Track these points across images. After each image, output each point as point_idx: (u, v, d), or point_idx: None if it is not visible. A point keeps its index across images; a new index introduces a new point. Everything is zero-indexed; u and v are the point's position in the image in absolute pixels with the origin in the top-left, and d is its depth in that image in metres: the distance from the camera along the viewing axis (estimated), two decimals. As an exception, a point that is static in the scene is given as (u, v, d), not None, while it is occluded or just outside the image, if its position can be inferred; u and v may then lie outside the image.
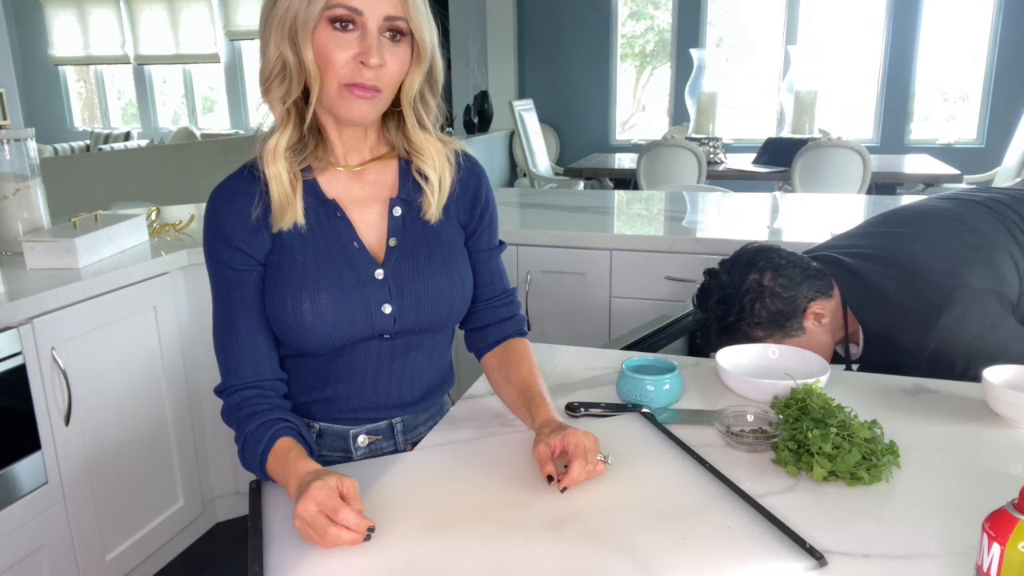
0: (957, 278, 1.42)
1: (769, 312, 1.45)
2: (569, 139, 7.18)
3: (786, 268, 1.47)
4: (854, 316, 1.51)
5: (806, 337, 1.46)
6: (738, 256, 1.53)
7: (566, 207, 2.88)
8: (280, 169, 1.02)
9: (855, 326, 1.52)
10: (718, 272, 1.52)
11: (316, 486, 0.85)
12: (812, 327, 1.48)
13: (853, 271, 1.52)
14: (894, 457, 1.00)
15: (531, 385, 1.11)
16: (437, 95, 1.09)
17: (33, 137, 2.13)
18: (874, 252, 1.54)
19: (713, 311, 1.49)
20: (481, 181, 1.18)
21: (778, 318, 1.45)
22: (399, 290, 1.09)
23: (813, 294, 1.47)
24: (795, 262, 1.49)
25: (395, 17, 0.98)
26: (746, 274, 1.47)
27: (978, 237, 1.50)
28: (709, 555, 0.82)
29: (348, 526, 0.83)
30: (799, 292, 1.46)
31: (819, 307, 1.47)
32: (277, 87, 1.01)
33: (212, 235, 1.06)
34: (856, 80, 6.44)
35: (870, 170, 4.23)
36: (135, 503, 2.10)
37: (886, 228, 1.62)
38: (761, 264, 1.48)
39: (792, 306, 1.45)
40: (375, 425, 1.18)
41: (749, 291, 1.46)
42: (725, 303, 1.47)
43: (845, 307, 1.51)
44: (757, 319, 1.45)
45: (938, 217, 1.59)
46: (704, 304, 1.51)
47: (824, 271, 1.51)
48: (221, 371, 1.09)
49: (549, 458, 0.96)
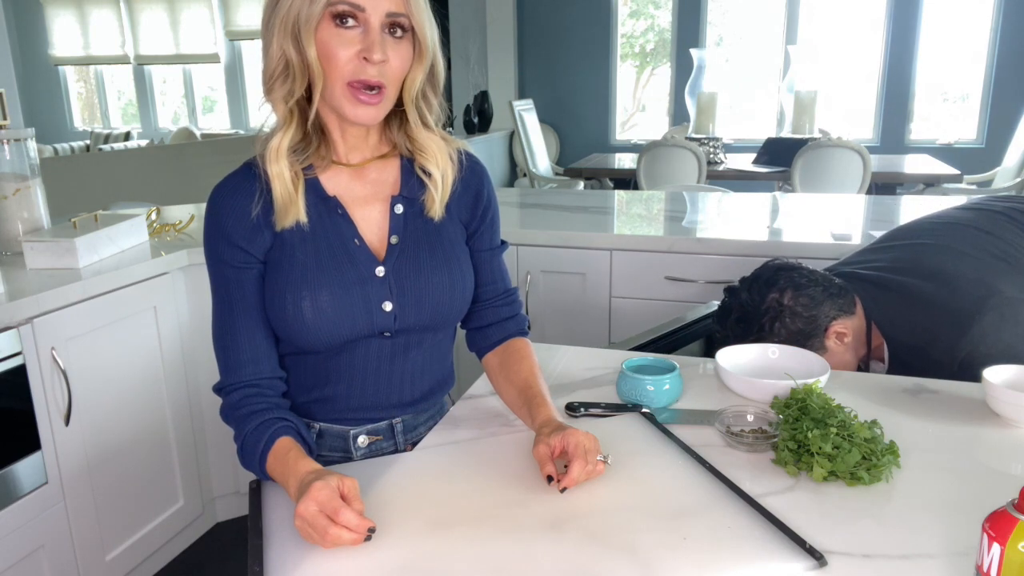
0: (989, 287, 1.39)
1: (789, 331, 1.42)
2: (569, 139, 7.18)
3: (807, 287, 1.44)
4: (879, 331, 1.48)
5: (827, 356, 1.43)
6: (758, 274, 1.50)
7: (566, 207, 2.88)
8: (282, 168, 1.03)
9: (879, 341, 1.49)
10: (738, 290, 1.49)
11: (317, 486, 0.85)
12: (834, 346, 1.45)
13: (880, 284, 1.49)
14: (894, 457, 1.00)
15: (532, 385, 1.11)
16: (439, 93, 1.09)
17: (33, 137, 2.13)
18: (901, 264, 1.51)
19: (732, 330, 1.46)
20: (483, 180, 1.18)
21: (799, 337, 1.42)
22: (400, 288, 1.09)
23: (835, 313, 1.44)
24: (817, 280, 1.46)
25: (397, 14, 0.98)
26: (766, 293, 1.45)
27: (1004, 245, 1.47)
28: (709, 555, 0.82)
29: (348, 527, 0.83)
30: (820, 311, 1.43)
31: (841, 326, 1.44)
32: (280, 86, 1.01)
33: (212, 233, 1.06)
34: (856, 80, 6.43)
35: (870, 170, 4.23)
36: (135, 503, 2.10)
37: (908, 240, 1.59)
38: (782, 283, 1.45)
39: (813, 325, 1.43)
40: (375, 425, 1.18)
41: (769, 310, 1.43)
42: (744, 322, 1.45)
43: (869, 324, 1.48)
44: (777, 338, 1.42)
45: (961, 228, 1.56)
46: (724, 323, 1.49)
47: (846, 288, 1.48)
48: (220, 369, 1.09)
49: (549, 458, 0.96)
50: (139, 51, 9.40)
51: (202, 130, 9.14)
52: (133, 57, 9.43)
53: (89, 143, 9.19)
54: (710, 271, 2.25)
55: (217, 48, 9.04)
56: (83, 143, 9.22)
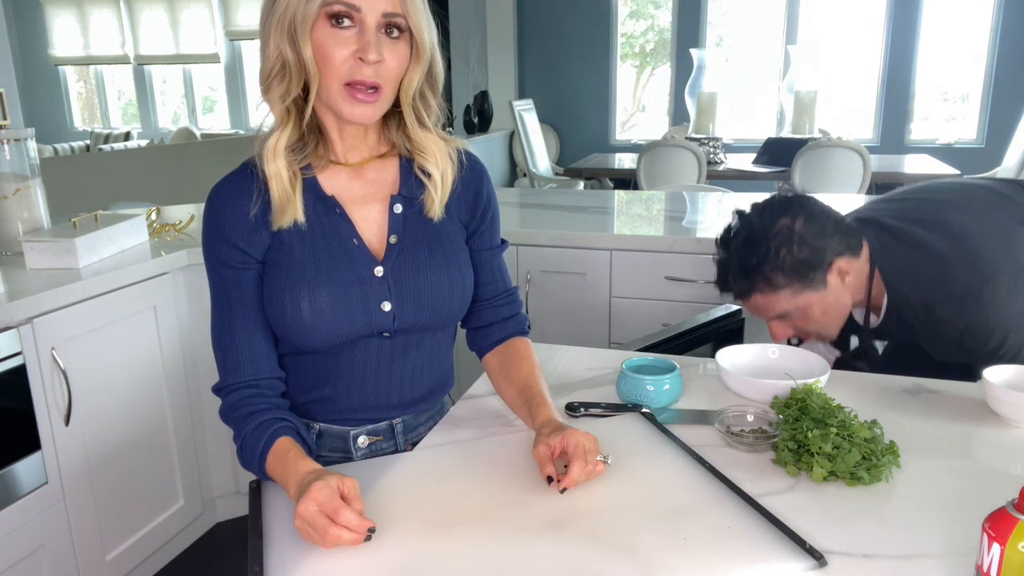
0: (1008, 250, 1.37)
1: (794, 259, 1.39)
2: (569, 139, 7.17)
3: (819, 217, 1.41)
4: (880, 280, 1.45)
5: (826, 293, 1.41)
6: (771, 199, 1.47)
7: (566, 207, 2.88)
8: (280, 168, 1.02)
9: (879, 290, 1.46)
10: (748, 214, 1.46)
11: (317, 486, 0.85)
12: (835, 283, 1.42)
13: (893, 232, 1.45)
14: (894, 457, 1.00)
15: (532, 385, 1.11)
16: (438, 94, 1.09)
17: (33, 137, 2.13)
18: (920, 215, 1.47)
19: (736, 252, 1.43)
20: (483, 180, 1.18)
21: (802, 268, 1.39)
22: (399, 288, 1.09)
23: (842, 249, 1.41)
24: (829, 214, 1.43)
25: (393, 14, 0.98)
26: (777, 217, 1.42)
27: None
28: (709, 555, 0.82)
29: (348, 527, 0.83)
30: (828, 244, 1.40)
31: (845, 264, 1.41)
32: (277, 86, 1.01)
33: (210, 232, 1.06)
34: (856, 80, 6.43)
35: (870, 170, 4.23)
36: (135, 503, 2.10)
37: (931, 196, 1.55)
38: (795, 210, 1.42)
39: (818, 257, 1.39)
40: (375, 426, 1.18)
41: (778, 235, 1.40)
42: (750, 244, 1.42)
43: (872, 270, 1.45)
44: (781, 264, 1.39)
45: (982, 191, 1.53)
46: (727, 244, 1.46)
47: (857, 230, 1.45)
48: (219, 370, 1.09)
49: (549, 458, 0.96)
50: (139, 51, 9.40)
51: (202, 130, 9.14)
52: (133, 57, 9.43)
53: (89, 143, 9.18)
54: (710, 271, 2.23)
55: (217, 48, 9.04)
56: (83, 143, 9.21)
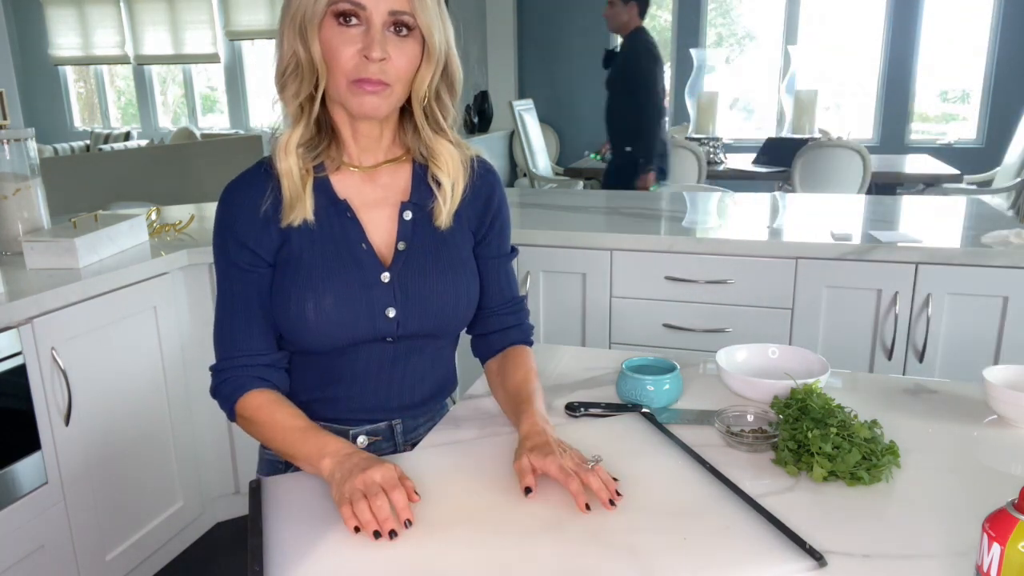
0: None
1: None
2: (569, 139, 7.17)
3: None
4: None
5: None
6: None
7: (566, 207, 2.88)
8: (291, 164, 1.03)
9: None
10: None
11: (388, 466, 0.90)
12: None
13: None
14: (894, 457, 1.00)
15: (521, 390, 1.11)
16: (456, 96, 1.09)
17: (33, 137, 2.13)
18: None
19: None
20: (495, 188, 1.18)
21: None
22: (404, 294, 1.09)
23: None
24: None
25: (400, 12, 0.98)
26: None
27: None
28: (709, 555, 0.82)
29: (397, 505, 0.87)
30: None
31: None
32: (291, 83, 1.02)
33: (221, 229, 1.07)
34: (856, 80, 6.43)
35: (870, 170, 4.23)
36: (135, 503, 2.10)
37: None
38: None
39: None
40: (375, 426, 1.18)
41: None
42: None
43: None
44: None
45: None
46: None
47: None
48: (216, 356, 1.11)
49: (529, 471, 0.94)
50: (139, 51, 9.39)
51: (202, 130, 9.12)
52: (133, 57, 9.42)
53: (89, 143, 9.17)
54: (710, 271, 2.25)
55: (217, 48, 9.03)
56: (83, 143, 9.20)
